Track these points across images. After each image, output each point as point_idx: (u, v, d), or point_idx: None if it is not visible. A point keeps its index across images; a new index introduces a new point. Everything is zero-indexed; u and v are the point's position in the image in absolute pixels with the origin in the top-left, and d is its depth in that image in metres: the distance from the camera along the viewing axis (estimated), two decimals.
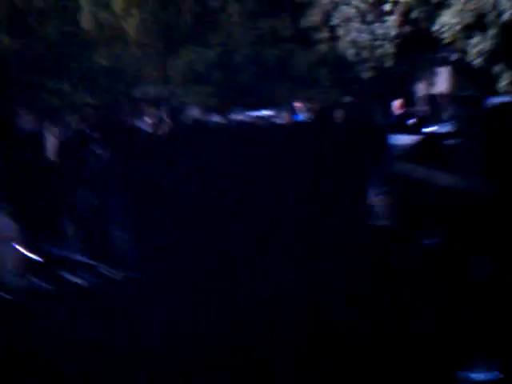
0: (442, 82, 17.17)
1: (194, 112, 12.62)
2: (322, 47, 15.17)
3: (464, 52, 12.35)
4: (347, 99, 15.54)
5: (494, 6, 11.02)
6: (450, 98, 10.05)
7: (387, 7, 13.10)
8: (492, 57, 11.47)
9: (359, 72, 14.72)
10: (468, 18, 11.29)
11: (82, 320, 4.69)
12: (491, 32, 11.14)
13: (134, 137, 6.94)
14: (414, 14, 12.88)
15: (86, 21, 18.42)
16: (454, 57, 14.93)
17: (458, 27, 11.46)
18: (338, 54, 14.81)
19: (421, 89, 17.87)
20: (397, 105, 11.53)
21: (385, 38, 13.63)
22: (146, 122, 10.86)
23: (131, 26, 17.41)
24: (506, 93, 11.12)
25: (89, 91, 21.90)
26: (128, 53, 18.50)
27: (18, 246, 5.27)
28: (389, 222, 6.57)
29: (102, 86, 22.20)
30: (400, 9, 12.96)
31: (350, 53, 14.25)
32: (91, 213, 5.76)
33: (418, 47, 14.15)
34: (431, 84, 17.60)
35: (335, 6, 14.15)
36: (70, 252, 5.66)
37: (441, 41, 12.80)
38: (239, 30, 16.84)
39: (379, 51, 13.88)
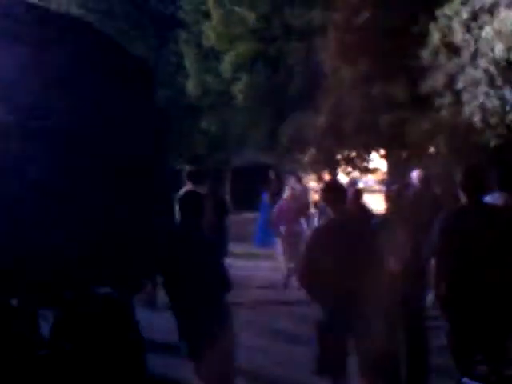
0: None
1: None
2: (444, 113, 14.20)
3: None
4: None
5: None
6: None
7: None
8: None
9: (485, 139, 13.66)
10: None
11: None
12: None
13: None
14: None
15: (192, 86, 18.15)
16: None
17: None
18: (461, 120, 13.80)
19: None
20: None
21: None
22: None
23: (239, 90, 16.94)
24: None
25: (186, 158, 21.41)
26: (234, 118, 18.04)
27: None
28: None
29: (200, 154, 21.72)
30: None
31: (477, 119, 13.23)
32: None
33: None
34: None
35: (461, 70, 13.23)
36: None
37: None
38: (351, 95, 16.09)
39: (509, 117, 12.82)
